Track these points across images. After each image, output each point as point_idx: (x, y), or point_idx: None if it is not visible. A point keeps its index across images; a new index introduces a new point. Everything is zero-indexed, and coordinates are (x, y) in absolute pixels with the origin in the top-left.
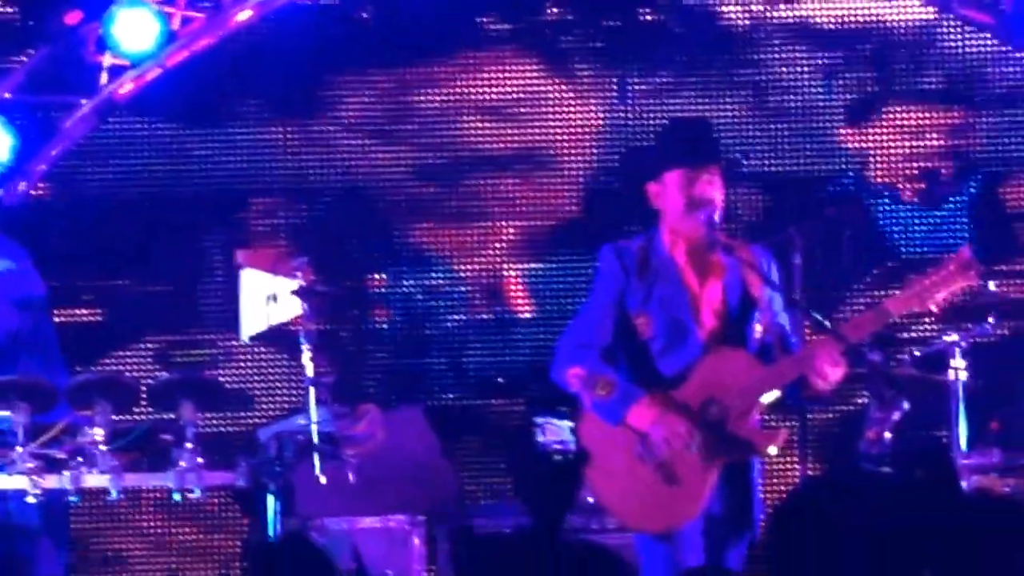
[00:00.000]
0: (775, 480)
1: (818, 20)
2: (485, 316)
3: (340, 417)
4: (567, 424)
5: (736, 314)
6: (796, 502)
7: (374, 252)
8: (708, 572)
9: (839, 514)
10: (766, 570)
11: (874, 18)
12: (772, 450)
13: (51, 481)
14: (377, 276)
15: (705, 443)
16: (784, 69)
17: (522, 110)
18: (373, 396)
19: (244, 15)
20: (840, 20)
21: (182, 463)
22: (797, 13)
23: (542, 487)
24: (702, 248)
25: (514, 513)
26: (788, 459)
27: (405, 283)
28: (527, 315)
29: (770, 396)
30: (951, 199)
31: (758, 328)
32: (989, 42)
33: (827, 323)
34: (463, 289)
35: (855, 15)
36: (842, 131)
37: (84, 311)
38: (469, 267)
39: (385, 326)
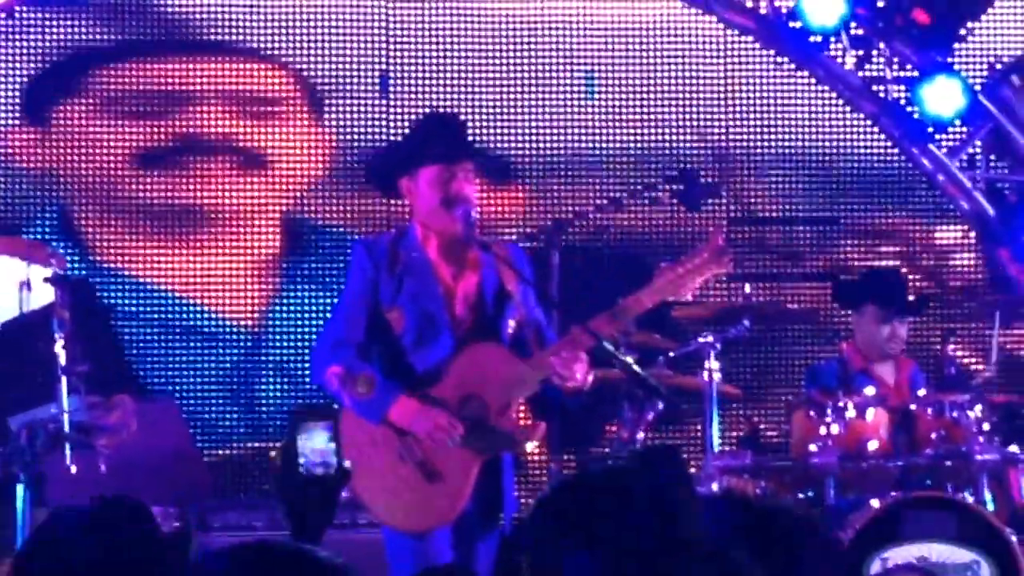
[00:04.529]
0: (530, 476)
1: (580, 19)
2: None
3: (93, 407)
4: (331, 444)
5: (490, 309)
6: (544, 500)
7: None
8: (453, 571)
9: (584, 513)
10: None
11: (636, 19)
12: (530, 445)
13: None
14: (132, 264)
15: (465, 438)
16: (546, 67)
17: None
18: (126, 387)
19: None
20: (602, 19)
21: None
22: (563, 10)
23: (302, 503)
24: (456, 243)
25: (268, 508)
26: (542, 456)
27: (158, 272)
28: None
29: (528, 392)
30: (710, 201)
31: (512, 323)
32: (750, 45)
33: (581, 319)
34: (216, 283)
35: (616, 14)
36: (604, 132)
37: None
38: (219, 263)
39: (141, 316)
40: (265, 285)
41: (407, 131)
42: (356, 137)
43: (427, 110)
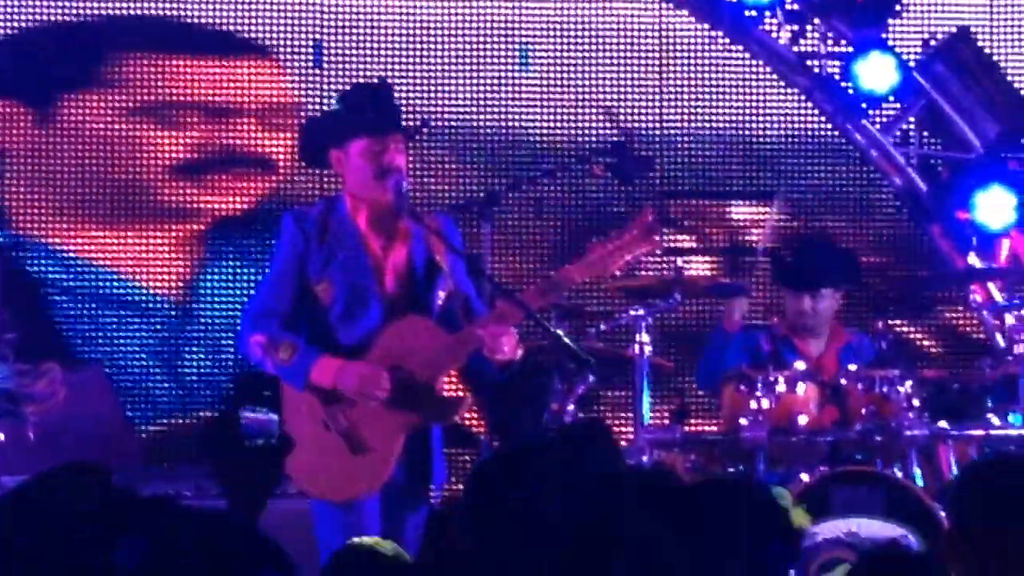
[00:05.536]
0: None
1: None
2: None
3: (21, 374)
4: (272, 415)
5: (420, 280)
6: (477, 474)
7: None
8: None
9: (516, 486)
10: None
11: None
12: (456, 417)
13: None
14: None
15: (392, 401)
16: (477, 35)
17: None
18: (55, 354)
19: None
20: None
21: None
22: None
23: (242, 475)
24: (387, 214)
25: (195, 476)
26: (474, 427)
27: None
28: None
29: (454, 365)
30: (645, 174)
31: (441, 295)
32: (685, 19)
33: (512, 292)
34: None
35: None
36: (537, 104)
37: None
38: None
39: (73, 283)
40: (192, 258)
41: (335, 101)
42: (289, 106)
43: (362, 79)
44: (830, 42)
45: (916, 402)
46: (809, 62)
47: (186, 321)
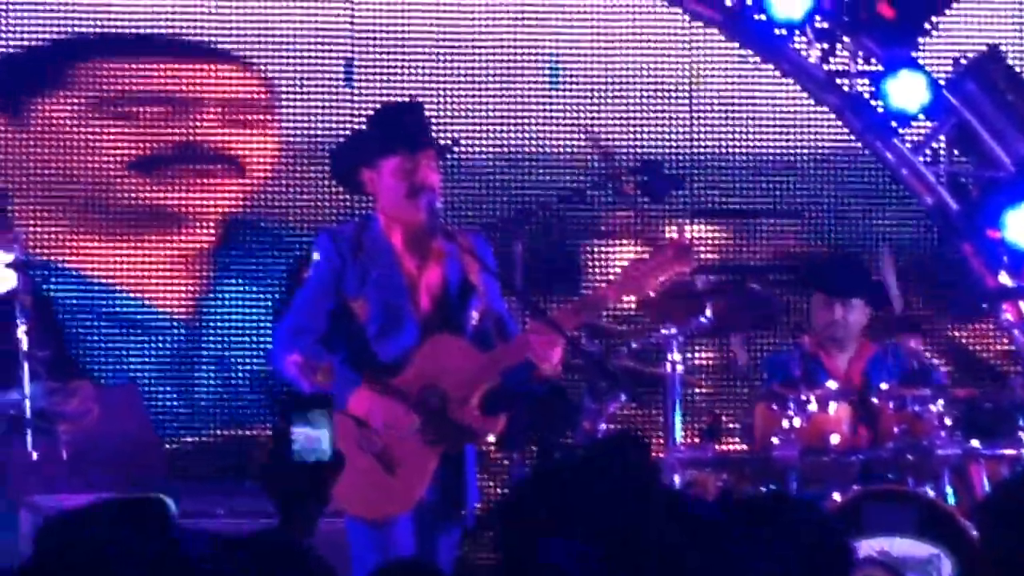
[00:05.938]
0: (492, 468)
1: (544, 8)
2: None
3: (53, 393)
4: (325, 432)
5: (454, 300)
6: (513, 493)
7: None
8: (411, 565)
9: (557, 501)
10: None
11: (601, 9)
12: (491, 437)
13: None
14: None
15: (424, 430)
16: (507, 55)
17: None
18: (87, 373)
19: None
20: (567, 9)
21: None
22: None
23: (294, 492)
24: (421, 233)
25: (226, 494)
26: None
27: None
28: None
29: (488, 384)
30: (673, 193)
31: (475, 314)
32: (716, 37)
33: (544, 311)
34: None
35: (582, 4)
36: (568, 123)
37: None
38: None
39: (104, 302)
40: (200, 277)
41: (365, 121)
42: (320, 128)
43: (393, 98)
44: (860, 60)
45: (948, 421)
46: (839, 80)
47: (196, 337)
